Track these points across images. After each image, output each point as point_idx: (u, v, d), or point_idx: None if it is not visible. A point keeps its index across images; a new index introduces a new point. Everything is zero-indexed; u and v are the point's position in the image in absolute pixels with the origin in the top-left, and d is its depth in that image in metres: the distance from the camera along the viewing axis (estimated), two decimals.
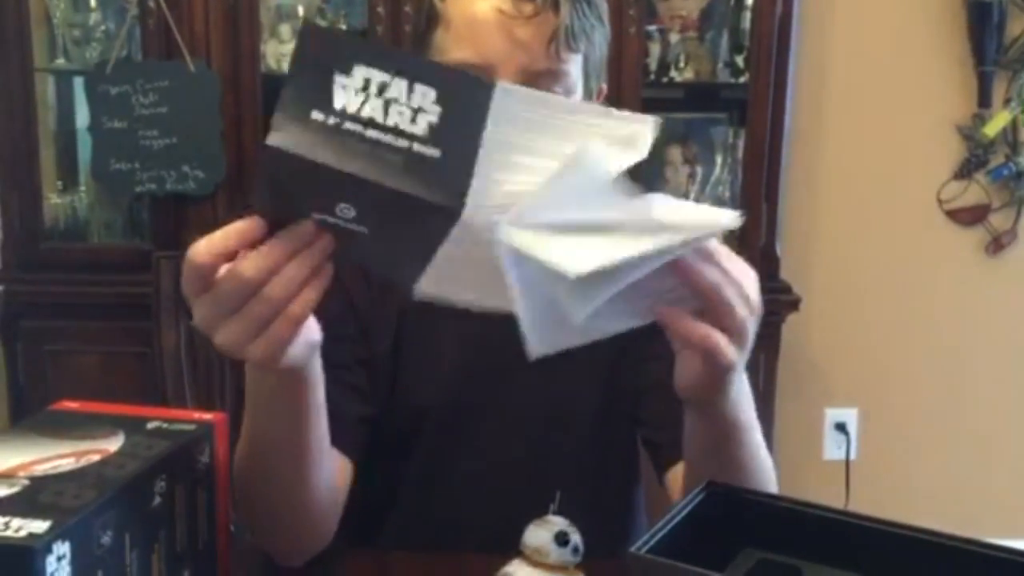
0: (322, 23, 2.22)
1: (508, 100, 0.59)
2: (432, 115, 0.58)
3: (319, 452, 0.85)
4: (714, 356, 0.67)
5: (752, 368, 2.30)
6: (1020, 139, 2.42)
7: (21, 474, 0.72)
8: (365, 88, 0.58)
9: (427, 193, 0.58)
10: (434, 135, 0.58)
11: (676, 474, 0.98)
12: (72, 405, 0.88)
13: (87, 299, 2.12)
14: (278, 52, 2.18)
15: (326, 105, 0.58)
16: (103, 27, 2.16)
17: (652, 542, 0.65)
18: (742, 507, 0.75)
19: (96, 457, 0.76)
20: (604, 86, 1.03)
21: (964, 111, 2.42)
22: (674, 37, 2.26)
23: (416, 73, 0.58)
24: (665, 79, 2.23)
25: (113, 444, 0.79)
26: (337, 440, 0.93)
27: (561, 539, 0.70)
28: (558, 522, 0.71)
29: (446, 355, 1.02)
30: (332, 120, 0.58)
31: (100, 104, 2.07)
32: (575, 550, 0.71)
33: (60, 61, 2.20)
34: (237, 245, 0.64)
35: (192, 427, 0.84)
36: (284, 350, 0.67)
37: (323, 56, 0.58)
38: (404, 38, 2.05)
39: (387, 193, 0.58)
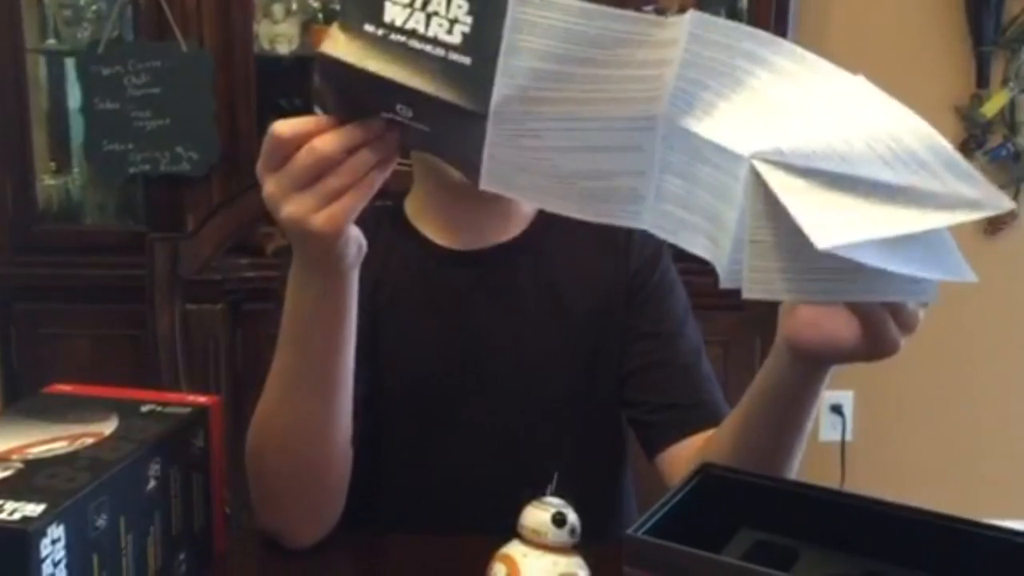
0: (315, 4, 2.20)
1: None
2: (465, 25, 0.62)
3: (345, 392, 0.86)
4: (888, 352, 0.71)
5: (749, 351, 2.29)
6: (1018, 119, 2.41)
7: (15, 457, 0.72)
8: (411, 3, 0.63)
9: (458, 98, 0.63)
10: (466, 43, 0.62)
11: (671, 455, 0.97)
12: (65, 388, 0.87)
13: (81, 282, 2.11)
14: (271, 32, 2.15)
15: (377, 18, 0.63)
16: (94, 7, 2.13)
17: (649, 524, 0.65)
18: (738, 489, 0.74)
19: (90, 440, 0.76)
20: None
21: (962, 91, 2.41)
22: (671, 16, 2.24)
23: None
24: None
25: (107, 427, 0.78)
26: None
27: (559, 520, 0.70)
28: (555, 503, 0.71)
29: (422, 336, 1.01)
30: (381, 31, 0.63)
31: (92, 85, 2.06)
32: (572, 531, 0.71)
33: (51, 42, 2.18)
34: (317, 128, 0.69)
35: (187, 411, 0.83)
36: (346, 222, 0.71)
37: None
38: None
39: (428, 98, 0.63)
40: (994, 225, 2.47)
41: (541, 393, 1.01)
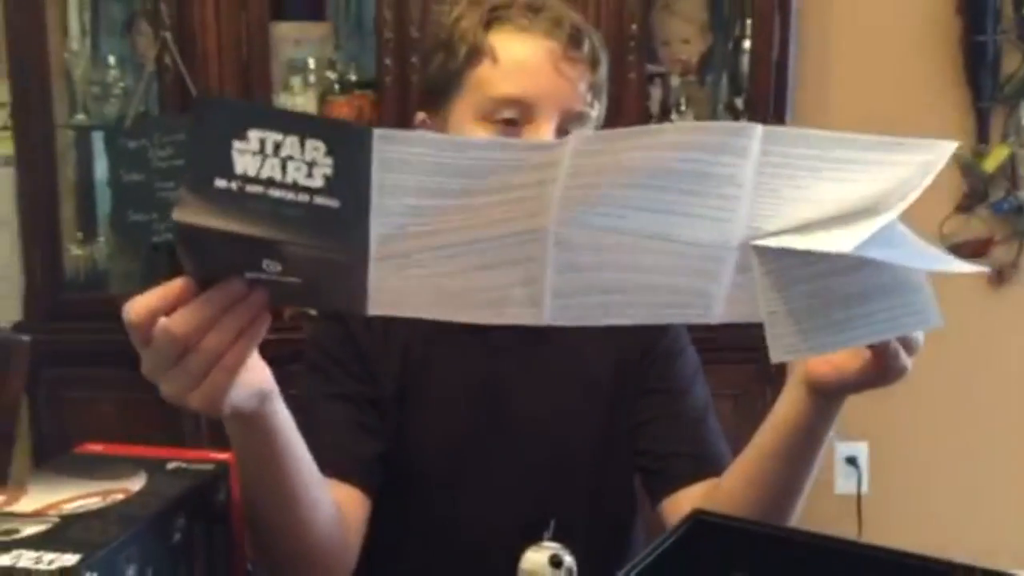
0: (331, 75, 2.29)
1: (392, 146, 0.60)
2: (326, 167, 0.59)
3: (305, 495, 0.87)
4: (898, 375, 0.79)
5: (759, 403, 2.33)
6: (1019, 173, 2.46)
7: (51, 512, 0.77)
8: (262, 150, 0.59)
9: (332, 245, 0.60)
10: (330, 186, 0.59)
11: (673, 502, 1.01)
12: (96, 448, 0.93)
13: (106, 347, 2.16)
14: (289, 104, 2.24)
15: (227, 171, 0.59)
16: (121, 84, 2.23)
17: (639, 567, 0.69)
18: (728, 534, 0.78)
19: (120, 496, 0.81)
20: None
21: (964, 146, 2.47)
22: (675, 80, 2.32)
23: (304, 128, 0.60)
24: (667, 122, 2.29)
25: (136, 484, 0.83)
26: (352, 476, 0.98)
27: (555, 561, 0.74)
28: (552, 546, 0.75)
29: (450, 397, 1.06)
30: (235, 185, 0.59)
31: (119, 158, 2.15)
32: (569, 572, 0.75)
33: (80, 116, 2.27)
34: (168, 304, 0.66)
35: (210, 467, 0.88)
36: (223, 398, 0.69)
37: (219, 125, 0.60)
38: (411, 89, 2.13)
39: (299, 248, 0.60)
40: (999, 278, 2.51)
41: (562, 448, 1.06)
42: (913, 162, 0.68)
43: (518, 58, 0.96)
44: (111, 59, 2.24)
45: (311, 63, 2.28)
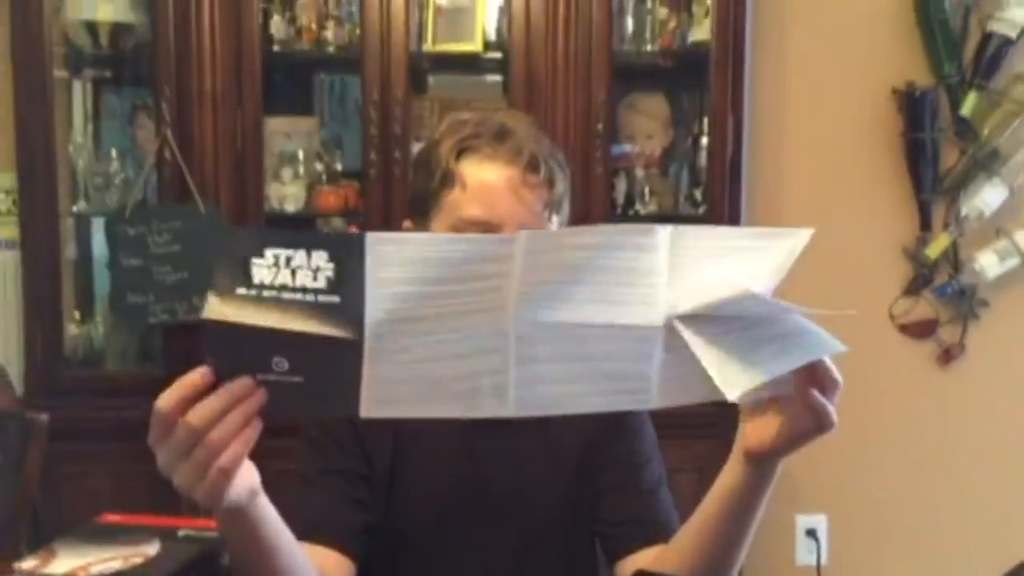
0: (319, 167, 2.45)
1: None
2: (328, 271, 0.73)
3: (288, 569, 0.94)
4: (826, 417, 0.89)
5: None
6: (960, 259, 2.62)
7: (81, 573, 0.89)
8: (275, 263, 0.72)
9: (334, 330, 0.72)
10: (332, 285, 0.73)
11: (627, 563, 1.14)
12: (115, 517, 1.05)
13: (102, 423, 2.26)
14: (280, 193, 2.39)
15: (247, 281, 0.72)
16: (121, 175, 2.37)
17: None
18: None
19: (139, 560, 0.93)
20: None
21: (908, 235, 2.64)
22: (639, 173, 2.49)
23: (310, 243, 0.73)
24: (631, 211, 2.45)
25: (152, 549, 0.96)
26: (339, 544, 1.10)
27: None
28: None
29: (435, 472, 1.18)
30: (253, 292, 0.72)
31: (119, 244, 2.27)
32: None
33: (82, 204, 2.40)
34: (193, 393, 0.75)
35: (215, 534, 1.00)
36: (223, 493, 0.77)
37: (242, 247, 0.73)
38: (393, 182, 2.28)
39: (306, 338, 0.72)
40: (946, 357, 2.66)
41: (533, 513, 1.18)
42: (783, 247, 0.85)
43: (482, 184, 1.10)
44: (113, 152, 2.38)
45: (300, 155, 2.43)
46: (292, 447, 1.18)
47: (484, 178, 1.11)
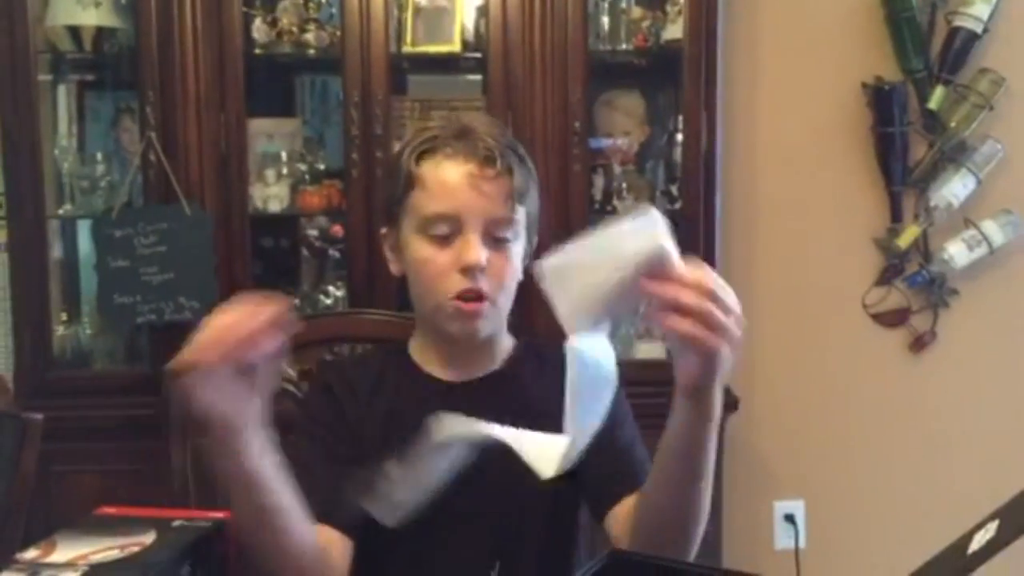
0: (302, 167, 2.49)
1: None
2: None
3: (284, 521, 1.05)
4: (703, 344, 0.87)
5: None
6: (930, 249, 2.69)
7: (81, 563, 0.94)
8: None
9: None
10: None
11: (612, 516, 1.21)
12: (111, 510, 1.09)
13: (89, 422, 2.30)
14: (264, 194, 2.43)
15: None
16: (107, 178, 2.40)
17: None
18: (640, 570, 0.96)
19: (136, 548, 0.98)
20: (536, 239, 1.29)
21: (879, 226, 2.70)
22: (616, 169, 2.54)
23: None
24: (609, 207, 2.50)
25: (148, 538, 1.00)
26: (336, 522, 1.17)
27: None
28: None
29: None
30: None
31: (105, 246, 2.30)
32: None
33: (68, 207, 2.43)
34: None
35: (208, 524, 1.05)
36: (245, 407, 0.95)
37: None
38: (375, 182, 2.33)
39: None
40: (918, 344, 2.73)
41: (518, 494, 1.22)
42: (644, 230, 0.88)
43: (441, 181, 1.18)
44: (98, 155, 2.41)
45: (283, 155, 2.47)
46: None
47: (442, 175, 1.18)
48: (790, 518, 2.76)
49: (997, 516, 0.67)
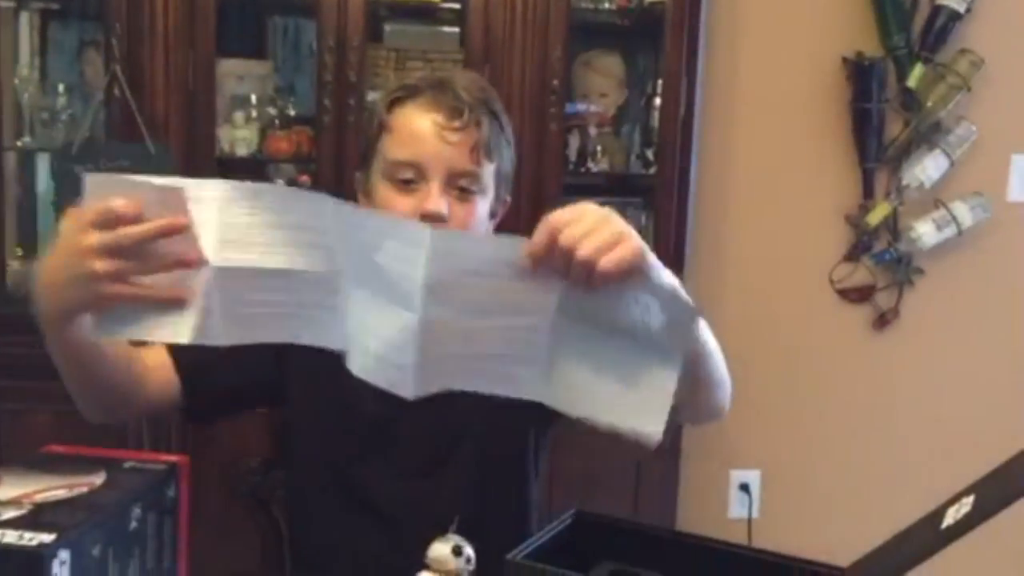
0: (272, 111, 2.43)
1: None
2: None
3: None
4: (595, 261, 0.85)
5: (661, 473, 2.48)
6: (899, 228, 2.70)
7: (25, 501, 0.90)
8: None
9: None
10: None
11: None
12: (60, 449, 1.06)
13: (43, 361, 2.25)
14: (231, 136, 2.37)
15: None
16: (70, 111, 2.33)
17: (527, 551, 0.85)
18: (602, 529, 0.95)
19: (85, 489, 0.94)
20: (508, 198, 1.27)
21: (851, 202, 2.70)
22: (592, 131, 2.51)
23: None
24: (583, 169, 2.47)
25: (98, 479, 0.97)
26: (178, 356, 1.20)
27: (457, 551, 0.89)
28: (454, 538, 0.91)
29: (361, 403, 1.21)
30: None
31: (64, 181, 2.23)
32: (468, 560, 0.91)
33: (27, 139, 2.36)
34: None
35: (162, 467, 1.02)
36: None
37: None
38: (346, 129, 2.28)
39: None
40: (881, 321, 2.74)
41: (449, 441, 1.22)
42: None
43: (409, 129, 1.18)
44: (60, 87, 2.34)
45: (253, 99, 2.41)
46: None
47: (410, 123, 1.18)
48: (745, 487, 2.78)
49: (972, 491, 0.66)
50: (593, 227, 0.85)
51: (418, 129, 1.17)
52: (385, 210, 1.18)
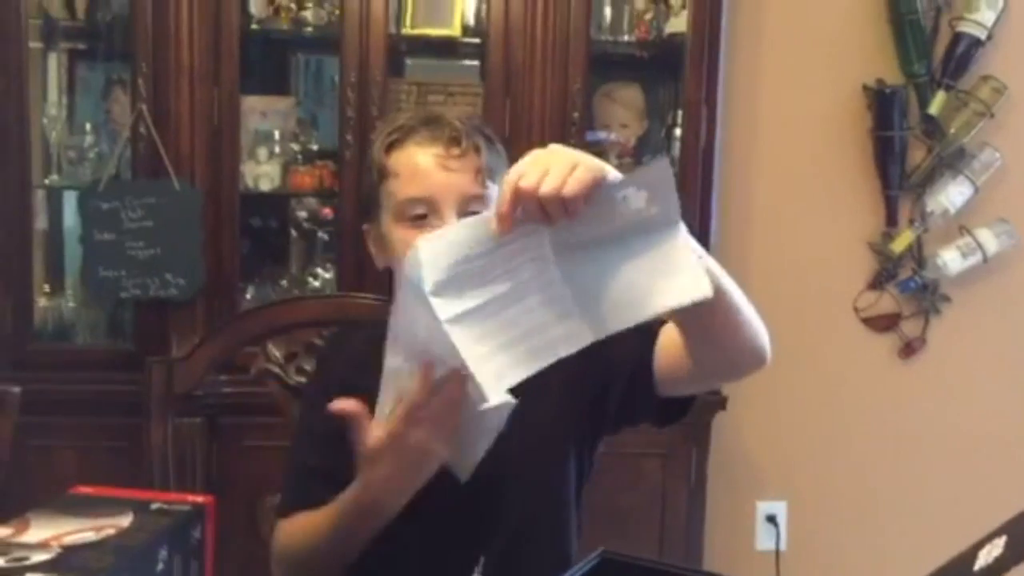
0: (295, 147, 2.46)
1: None
2: None
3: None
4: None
5: (686, 463, 2.50)
6: (924, 255, 2.68)
7: (54, 544, 0.90)
8: None
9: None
10: None
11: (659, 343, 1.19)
12: (87, 490, 1.06)
13: (70, 396, 2.27)
14: (255, 172, 2.39)
15: None
16: (96, 149, 2.36)
17: None
18: (630, 571, 0.94)
19: (112, 531, 0.94)
20: None
21: (874, 229, 2.69)
22: (613, 161, 2.51)
23: None
24: None
25: (124, 521, 0.97)
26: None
27: None
28: None
29: None
30: None
31: (92, 218, 2.26)
32: None
33: (54, 177, 2.39)
34: None
35: (187, 508, 1.02)
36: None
37: None
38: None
39: None
40: (907, 350, 2.72)
41: (498, 485, 1.20)
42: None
43: (412, 168, 1.19)
44: (87, 125, 2.38)
45: (276, 134, 2.43)
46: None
47: (412, 161, 1.19)
48: (772, 519, 2.75)
49: (1004, 532, 0.65)
50: (546, 166, 0.89)
51: (421, 165, 1.19)
52: (404, 253, 1.18)
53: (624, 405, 1.23)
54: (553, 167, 0.89)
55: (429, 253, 0.92)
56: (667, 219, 0.92)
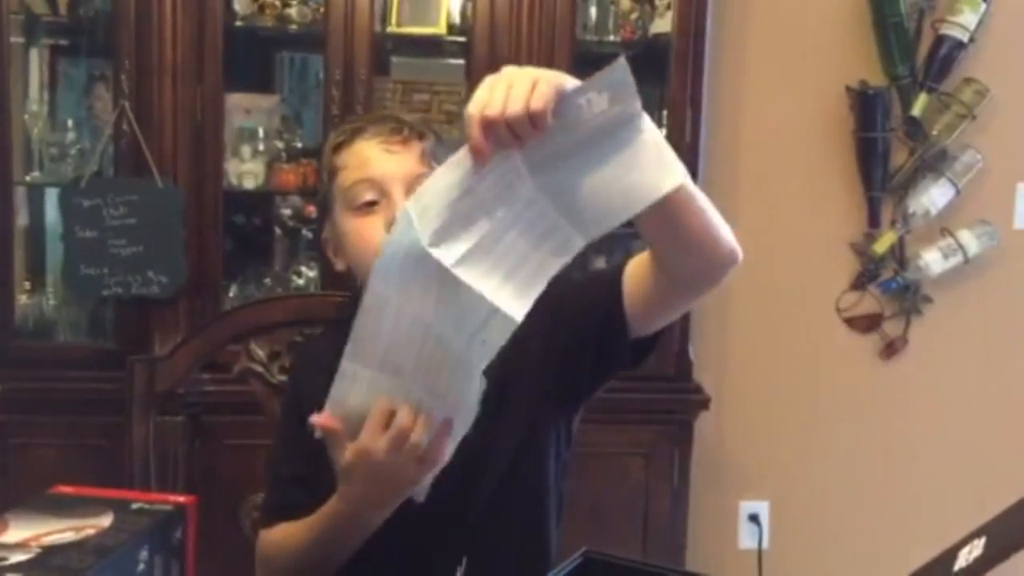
0: (279, 144, 2.44)
1: None
2: None
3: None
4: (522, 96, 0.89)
5: (668, 463, 2.50)
6: (906, 256, 2.70)
7: (33, 544, 0.90)
8: None
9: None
10: None
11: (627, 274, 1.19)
12: (67, 490, 1.05)
13: (51, 395, 2.26)
14: (239, 170, 2.37)
15: None
16: (78, 146, 2.34)
17: None
18: (613, 571, 0.94)
19: (92, 531, 0.94)
20: None
21: (857, 230, 2.70)
22: None
23: None
24: None
25: (105, 521, 0.97)
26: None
27: None
28: None
29: None
30: None
31: (73, 215, 2.24)
32: None
33: (36, 174, 2.37)
34: None
35: (169, 508, 1.02)
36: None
37: None
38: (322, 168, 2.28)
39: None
40: (889, 350, 2.73)
41: (479, 487, 1.21)
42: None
43: (357, 158, 1.23)
44: (69, 122, 2.36)
45: (260, 132, 2.42)
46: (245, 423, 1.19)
47: (357, 153, 1.23)
48: (754, 518, 2.76)
49: (984, 532, 0.65)
50: (507, 89, 0.89)
51: (366, 153, 1.22)
52: (357, 243, 1.21)
53: (600, 356, 1.21)
54: (514, 87, 0.89)
55: (417, 208, 0.93)
56: (630, 115, 0.92)
